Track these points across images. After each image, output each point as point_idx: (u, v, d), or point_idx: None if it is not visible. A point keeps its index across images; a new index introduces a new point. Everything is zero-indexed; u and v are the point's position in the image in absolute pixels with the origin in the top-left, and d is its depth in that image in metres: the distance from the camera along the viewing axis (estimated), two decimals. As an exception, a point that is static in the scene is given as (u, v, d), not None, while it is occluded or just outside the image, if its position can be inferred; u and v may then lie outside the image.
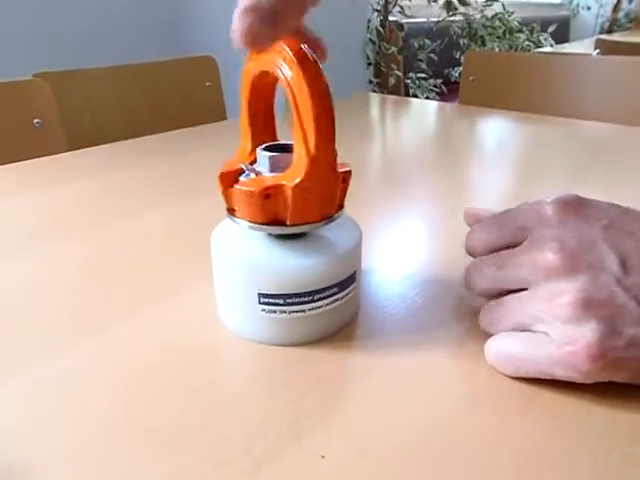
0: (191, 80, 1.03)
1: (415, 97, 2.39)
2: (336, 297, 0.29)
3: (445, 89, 2.52)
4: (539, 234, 0.26)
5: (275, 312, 0.28)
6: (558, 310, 0.24)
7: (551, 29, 2.89)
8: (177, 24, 1.93)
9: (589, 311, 0.23)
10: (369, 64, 2.44)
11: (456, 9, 2.44)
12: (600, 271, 0.24)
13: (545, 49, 2.47)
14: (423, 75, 2.50)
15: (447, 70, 2.64)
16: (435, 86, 2.52)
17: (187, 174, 0.60)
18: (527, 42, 2.67)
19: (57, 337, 0.31)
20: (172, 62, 1.03)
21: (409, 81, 2.51)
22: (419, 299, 0.34)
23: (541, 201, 0.28)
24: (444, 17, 2.50)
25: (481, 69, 1.07)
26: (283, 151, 0.28)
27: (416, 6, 2.51)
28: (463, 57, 1.14)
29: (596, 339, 0.23)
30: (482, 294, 0.30)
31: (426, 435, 0.24)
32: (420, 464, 0.22)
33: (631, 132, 0.76)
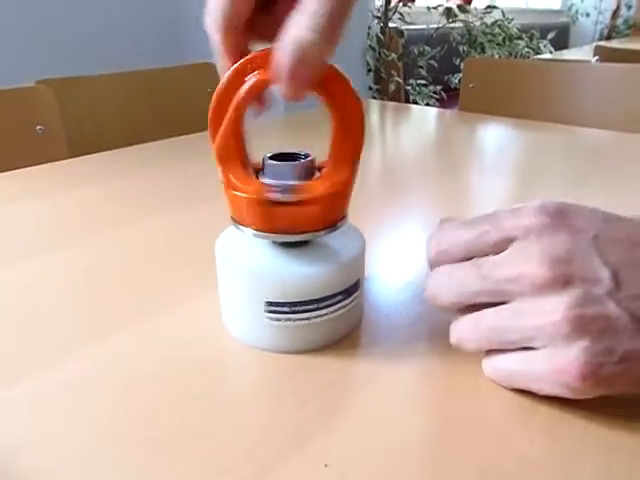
0: (192, 87, 1.03)
1: (415, 103, 2.40)
2: (341, 305, 0.30)
3: (445, 96, 2.52)
4: (524, 244, 0.25)
5: (280, 320, 0.29)
6: (550, 328, 0.23)
7: (550, 36, 2.90)
8: (179, 29, 1.94)
9: (581, 328, 0.23)
10: (369, 70, 2.44)
11: (456, 16, 2.46)
12: (592, 285, 0.23)
13: (544, 56, 2.48)
14: (423, 82, 2.50)
15: (447, 77, 2.65)
16: (435, 93, 2.52)
17: (188, 181, 0.61)
18: (526, 49, 2.68)
19: (59, 344, 0.31)
20: (173, 69, 1.03)
21: (409, 87, 2.51)
22: (421, 306, 0.34)
23: (523, 207, 0.26)
24: (444, 24, 2.51)
25: (481, 76, 1.08)
26: (285, 160, 0.29)
27: (416, 13, 2.53)
28: (463, 64, 1.14)
29: (587, 358, 0.22)
30: (451, 307, 0.27)
31: (428, 444, 0.24)
32: (421, 473, 0.22)
33: (630, 139, 0.77)
